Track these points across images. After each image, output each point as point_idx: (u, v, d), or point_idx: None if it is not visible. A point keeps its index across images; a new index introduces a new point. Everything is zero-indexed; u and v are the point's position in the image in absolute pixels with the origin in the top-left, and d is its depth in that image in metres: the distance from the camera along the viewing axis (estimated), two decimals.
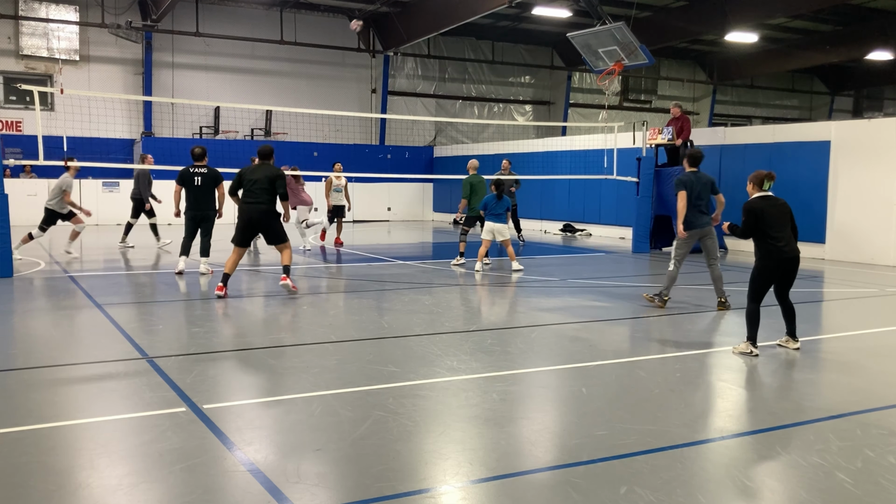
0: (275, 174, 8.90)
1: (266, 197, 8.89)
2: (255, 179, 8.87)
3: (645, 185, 15.45)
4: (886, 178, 13.25)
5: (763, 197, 6.38)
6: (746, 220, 6.33)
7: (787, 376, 5.81)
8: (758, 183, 6.45)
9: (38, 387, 5.18)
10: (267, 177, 8.86)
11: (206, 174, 10.57)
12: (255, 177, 8.89)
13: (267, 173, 8.89)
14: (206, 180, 10.58)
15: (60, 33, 22.75)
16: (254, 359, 6.13)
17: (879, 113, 33.69)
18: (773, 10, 22.25)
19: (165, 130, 23.90)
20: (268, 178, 8.85)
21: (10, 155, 19.34)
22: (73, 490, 3.49)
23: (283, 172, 9.07)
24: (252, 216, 8.92)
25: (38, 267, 11.54)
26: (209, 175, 10.58)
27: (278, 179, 8.87)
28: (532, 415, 4.74)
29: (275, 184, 8.86)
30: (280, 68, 25.54)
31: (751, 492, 3.60)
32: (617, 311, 8.54)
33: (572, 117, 30.53)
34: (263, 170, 8.96)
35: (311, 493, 3.45)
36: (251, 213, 8.89)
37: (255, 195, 8.86)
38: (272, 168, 9.03)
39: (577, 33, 16.57)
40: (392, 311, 8.26)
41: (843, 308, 9.27)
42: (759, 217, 6.24)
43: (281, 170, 9.16)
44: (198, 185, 10.51)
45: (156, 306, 8.58)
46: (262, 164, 9.09)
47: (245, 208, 8.94)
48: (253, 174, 8.94)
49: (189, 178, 10.53)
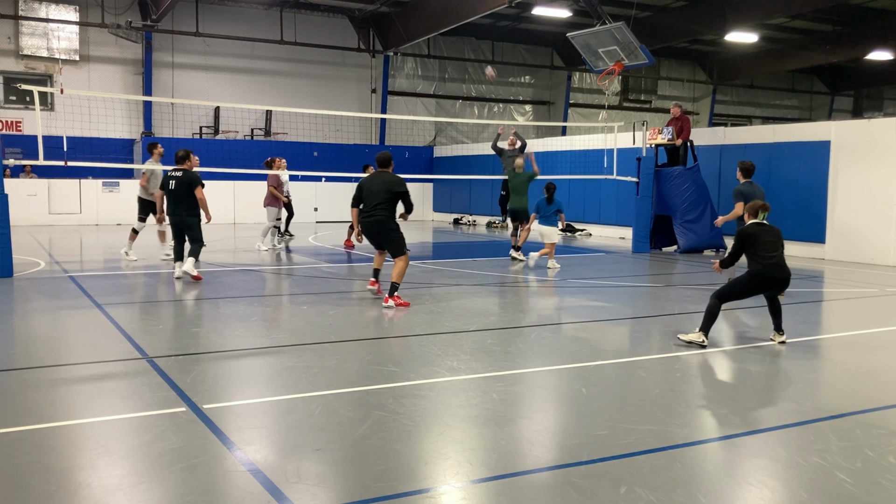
0: (392, 183, 8.56)
1: (382, 208, 8.53)
2: (372, 191, 8.58)
3: (645, 185, 15.45)
4: (886, 178, 13.25)
5: (757, 223, 6.58)
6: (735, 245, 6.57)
7: (786, 376, 5.80)
8: (752, 213, 6.66)
9: (38, 387, 5.18)
10: (385, 187, 8.54)
11: (180, 178, 10.02)
12: (373, 188, 8.59)
13: (384, 183, 8.59)
14: (181, 184, 10.01)
15: (60, 33, 22.75)
16: (254, 359, 6.13)
17: (879, 113, 33.68)
18: (773, 10, 22.25)
19: (165, 130, 23.90)
20: (386, 188, 8.53)
21: (10, 155, 19.36)
22: (73, 490, 3.49)
23: (401, 180, 8.66)
24: (369, 230, 8.68)
25: (38, 267, 11.54)
26: (184, 179, 10.00)
27: (402, 191, 8.56)
28: (532, 415, 4.74)
29: (393, 194, 8.53)
30: (280, 68, 25.55)
31: (751, 492, 3.60)
32: (617, 311, 8.54)
33: (572, 117, 30.54)
34: (381, 179, 8.66)
35: (311, 493, 3.45)
36: (367, 227, 8.65)
37: (370, 207, 8.56)
38: (390, 176, 8.67)
39: (577, 33, 16.57)
40: (392, 311, 8.25)
41: (843, 308, 9.26)
42: (753, 240, 6.44)
43: (400, 178, 8.73)
44: (172, 189, 10.02)
45: (156, 306, 8.58)
46: (380, 173, 8.76)
47: (363, 222, 8.68)
48: (371, 184, 8.63)
49: (165, 182, 10.13)
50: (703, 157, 15.95)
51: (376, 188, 8.59)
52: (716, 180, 16.12)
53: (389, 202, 8.56)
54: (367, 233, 8.76)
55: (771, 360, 6.23)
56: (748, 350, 6.57)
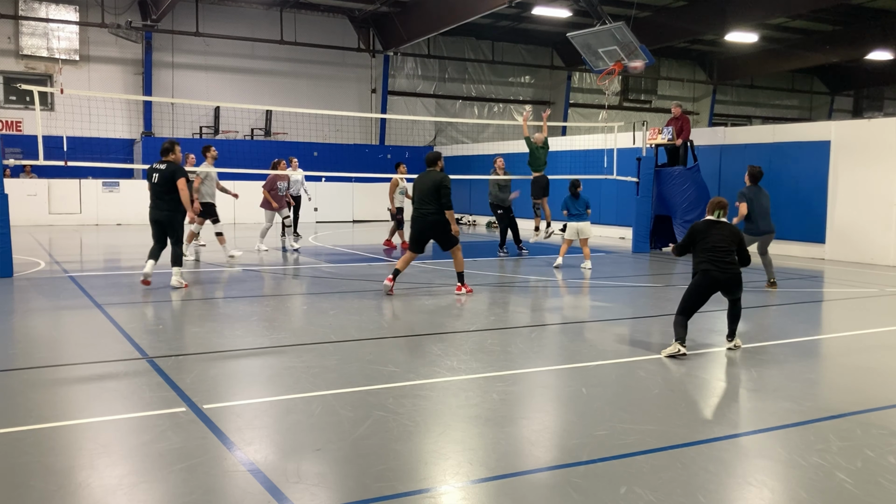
0: (437, 181, 8.89)
1: (432, 206, 8.95)
2: (421, 189, 9.01)
3: (645, 185, 15.45)
4: (886, 178, 13.25)
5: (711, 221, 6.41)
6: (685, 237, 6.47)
7: (786, 376, 5.80)
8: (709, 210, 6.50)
9: (38, 387, 5.18)
10: (432, 186, 8.92)
11: (163, 170, 9.23)
12: (422, 186, 9.02)
13: (430, 181, 8.96)
14: (163, 177, 9.20)
15: (60, 33, 22.75)
16: (254, 359, 6.13)
17: (879, 113, 33.67)
18: (773, 10, 22.25)
19: (165, 130, 23.90)
20: (432, 186, 8.92)
21: (10, 155, 19.36)
22: (73, 490, 3.49)
23: (446, 179, 8.97)
24: (422, 226, 9.05)
25: (38, 267, 11.54)
26: (166, 171, 9.21)
27: (442, 188, 8.88)
28: (532, 415, 4.74)
29: (438, 192, 8.89)
30: (280, 68, 25.55)
31: (751, 492, 3.60)
32: (617, 311, 8.54)
33: (572, 117, 30.54)
34: (428, 177, 9.03)
35: (311, 493, 3.45)
36: (420, 223, 9.05)
37: (422, 204, 8.98)
38: (436, 174, 9.01)
39: (577, 33, 16.57)
40: (392, 312, 8.26)
41: (843, 308, 9.26)
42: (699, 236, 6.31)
43: (445, 176, 9.05)
44: (155, 183, 9.28)
45: (156, 306, 8.58)
46: (428, 172, 9.12)
47: (415, 217, 9.10)
48: (421, 182, 9.06)
49: (149, 175, 9.37)
50: (703, 157, 15.94)
51: (426, 187, 9.00)
52: (716, 180, 16.12)
53: (435, 200, 8.95)
54: (417, 228, 9.10)
55: (770, 360, 6.23)
56: (748, 350, 6.56)
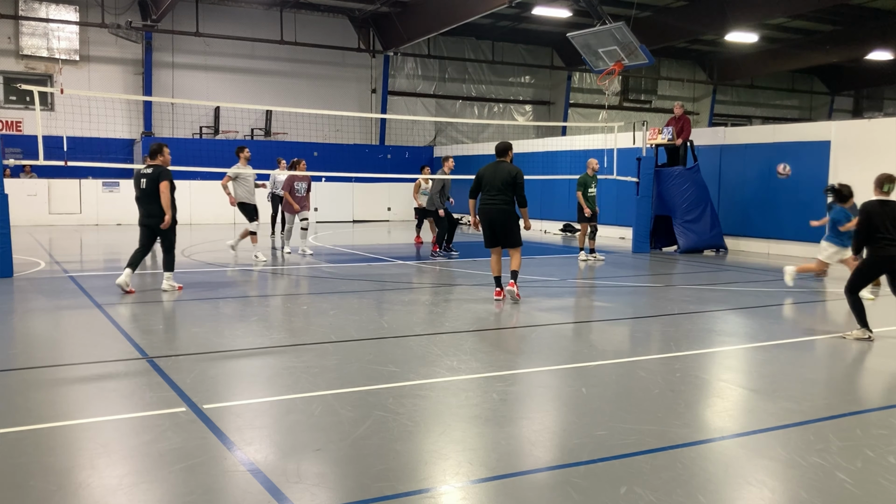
0: (513, 174, 8.56)
1: (504, 196, 8.60)
2: (492, 180, 8.62)
3: (645, 185, 15.45)
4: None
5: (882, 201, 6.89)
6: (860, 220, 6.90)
7: (786, 376, 5.80)
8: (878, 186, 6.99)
9: (38, 387, 5.18)
10: (506, 176, 8.57)
11: (150, 174, 8.91)
12: (493, 177, 8.63)
13: (505, 172, 8.61)
14: (151, 181, 8.88)
15: (60, 33, 22.75)
16: (254, 359, 6.13)
17: (879, 113, 33.66)
18: (773, 10, 22.25)
19: (165, 130, 23.90)
20: (507, 178, 8.56)
21: (10, 155, 19.35)
22: (73, 490, 3.49)
23: (521, 171, 8.65)
24: (491, 219, 8.67)
25: (38, 267, 11.54)
26: (153, 175, 8.89)
27: (518, 181, 8.56)
28: (532, 415, 4.74)
29: (514, 184, 8.56)
30: (280, 68, 25.54)
31: (751, 492, 3.60)
32: (617, 311, 8.54)
33: (572, 117, 30.53)
34: (501, 168, 8.67)
35: (311, 493, 3.45)
36: (489, 216, 8.65)
37: (493, 195, 8.62)
38: (509, 166, 8.69)
39: (577, 33, 16.57)
40: (392, 311, 8.26)
41: (843, 308, 9.25)
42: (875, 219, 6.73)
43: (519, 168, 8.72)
44: (143, 189, 8.96)
45: (156, 306, 8.58)
46: (499, 163, 8.76)
47: (484, 209, 8.69)
48: (492, 173, 8.66)
49: (136, 182, 9.07)
50: (703, 157, 15.94)
51: (499, 178, 8.61)
52: (716, 180, 16.12)
53: (509, 192, 8.60)
54: (486, 220, 8.75)
55: (770, 360, 6.23)
56: (748, 350, 6.56)
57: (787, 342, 6.84)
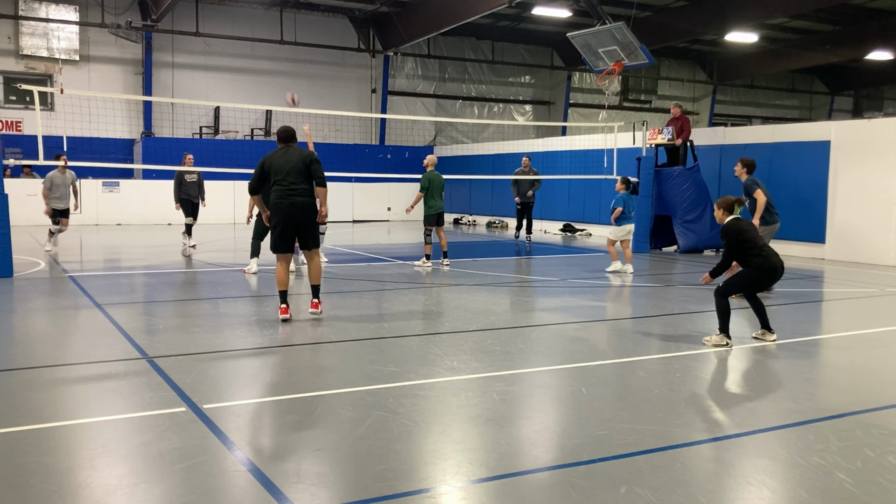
0: (308, 156, 7.31)
1: (304, 187, 7.28)
2: (284, 165, 7.28)
3: (645, 185, 15.45)
4: (886, 178, 13.24)
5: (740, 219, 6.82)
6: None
7: (786, 376, 5.80)
8: (728, 210, 6.84)
9: (38, 387, 5.18)
10: (298, 159, 7.29)
11: None
12: (284, 161, 7.30)
13: (296, 155, 7.33)
14: None
15: (60, 33, 22.75)
16: (254, 359, 6.13)
17: (879, 113, 33.67)
18: (773, 10, 22.25)
19: (165, 130, 23.91)
20: (301, 162, 7.27)
21: (10, 155, 19.34)
22: (73, 490, 3.49)
23: (315, 155, 7.46)
24: (295, 211, 7.27)
25: (38, 267, 11.54)
26: None
27: (313, 163, 7.29)
28: (532, 415, 4.74)
29: (309, 168, 7.28)
30: (280, 68, 25.54)
31: (751, 492, 3.60)
32: (617, 311, 8.54)
33: (572, 117, 30.53)
34: (291, 153, 7.37)
35: (311, 493, 3.45)
36: (294, 208, 7.25)
37: (287, 185, 7.25)
38: (299, 149, 7.41)
39: (577, 33, 16.57)
40: (392, 311, 8.26)
41: (843, 308, 9.26)
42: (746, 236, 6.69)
43: (313, 152, 7.62)
44: None
45: (156, 306, 8.58)
46: (287, 149, 7.44)
47: (281, 204, 7.26)
48: (282, 160, 7.33)
49: None
50: (703, 157, 15.94)
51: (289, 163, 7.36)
52: (716, 180, 16.12)
53: (306, 179, 7.38)
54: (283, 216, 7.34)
55: (770, 360, 6.23)
56: (748, 350, 6.56)
57: (787, 342, 6.83)
